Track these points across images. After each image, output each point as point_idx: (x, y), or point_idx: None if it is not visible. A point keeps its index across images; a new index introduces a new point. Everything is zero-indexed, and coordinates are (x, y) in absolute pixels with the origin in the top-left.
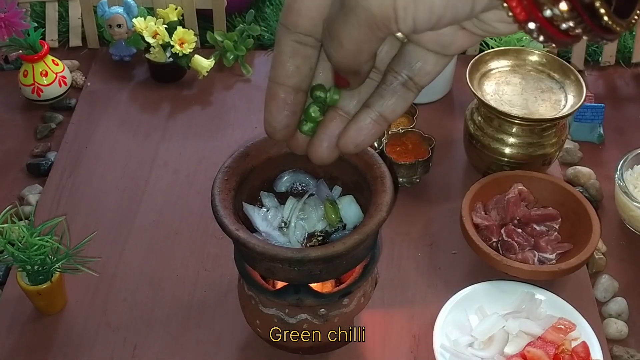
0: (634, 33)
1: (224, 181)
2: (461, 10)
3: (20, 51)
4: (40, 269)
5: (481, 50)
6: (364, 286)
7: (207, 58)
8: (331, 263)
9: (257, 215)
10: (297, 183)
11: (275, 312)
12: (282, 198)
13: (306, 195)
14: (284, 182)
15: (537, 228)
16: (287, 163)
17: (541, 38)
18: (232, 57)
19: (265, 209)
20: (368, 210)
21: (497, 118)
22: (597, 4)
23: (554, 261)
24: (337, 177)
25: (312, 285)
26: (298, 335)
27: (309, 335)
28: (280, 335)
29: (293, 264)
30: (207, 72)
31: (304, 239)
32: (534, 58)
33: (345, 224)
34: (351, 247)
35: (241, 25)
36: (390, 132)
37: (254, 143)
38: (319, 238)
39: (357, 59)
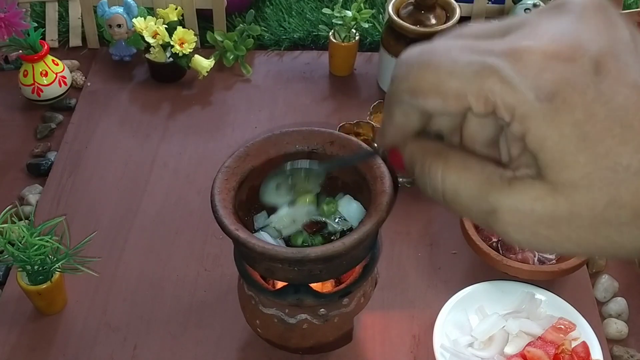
0: None
1: (224, 181)
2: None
3: (20, 51)
4: (40, 269)
5: None
6: (364, 286)
7: (207, 58)
8: (331, 263)
9: (268, 237)
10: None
11: (275, 312)
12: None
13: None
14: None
15: None
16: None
17: None
18: (232, 57)
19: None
20: (368, 210)
21: None
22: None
23: (554, 261)
24: (337, 176)
25: (312, 285)
26: (298, 335)
27: (309, 335)
28: (281, 335)
29: (293, 263)
30: (207, 72)
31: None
32: None
33: (352, 225)
34: (351, 246)
35: (241, 25)
36: None
37: (254, 143)
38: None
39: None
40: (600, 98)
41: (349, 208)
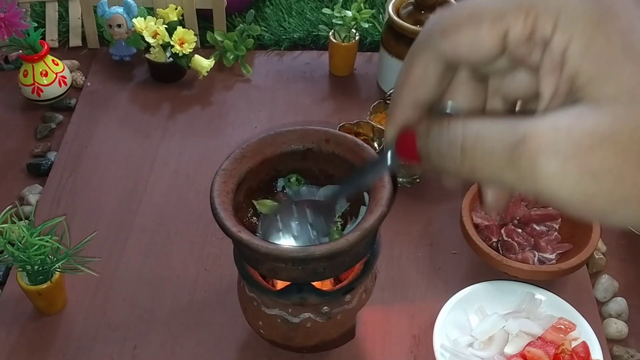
0: None
1: (222, 184)
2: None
3: (20, 51)
4: (40, 269)
5: None
6: (365, 282)
7: (207, 58)
8: (334, 260)
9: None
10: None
11: (278, 312)
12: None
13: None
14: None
15: (537, 228)
16: (283, 164)
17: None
18: (232, 57)
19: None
20: (368, 206)
21: None
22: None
23: (554, 261)
24: (333, 174)
25: (314, 283)
26: (302, 334)
27: (312, 333)
28: (284, 335)
29: (297, 262)
30: (207, 72)
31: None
32: None
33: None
34: (354, 243)
35: (241, 25)
36: None
37: (249, 144)
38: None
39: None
40: None
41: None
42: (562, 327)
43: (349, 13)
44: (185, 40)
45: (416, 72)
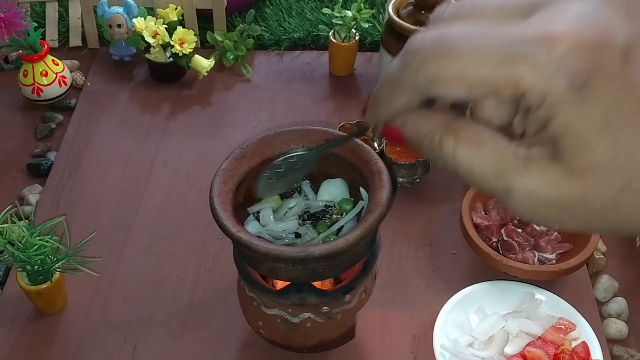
0: None
1: (222, 184)
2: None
3: (20, 51)
4: (40, 269)
5: None
6: (364, 282)
7: (207, 58)
8: (334, 260)
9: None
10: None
11: (278, 312)
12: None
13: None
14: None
15: (537, 228)
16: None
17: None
18: (232, 57)
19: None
20: (368, 206)
21: None
22: None
23: (554, 261)
24: (332, 174)
25: (314, 283)
26: (302, 334)
27: (312, 333)
28: (284, 335)
29: (297, 262)
30: (207, 72)
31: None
32: None
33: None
34: (354, 243)
35: (241, 25)
36: None
37: (249, 144)
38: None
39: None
40: (628, 87)
41: (330, 188)
42: (562, 327)
43: (349, 13)
44: (185, 40)
45: (401, 103)
